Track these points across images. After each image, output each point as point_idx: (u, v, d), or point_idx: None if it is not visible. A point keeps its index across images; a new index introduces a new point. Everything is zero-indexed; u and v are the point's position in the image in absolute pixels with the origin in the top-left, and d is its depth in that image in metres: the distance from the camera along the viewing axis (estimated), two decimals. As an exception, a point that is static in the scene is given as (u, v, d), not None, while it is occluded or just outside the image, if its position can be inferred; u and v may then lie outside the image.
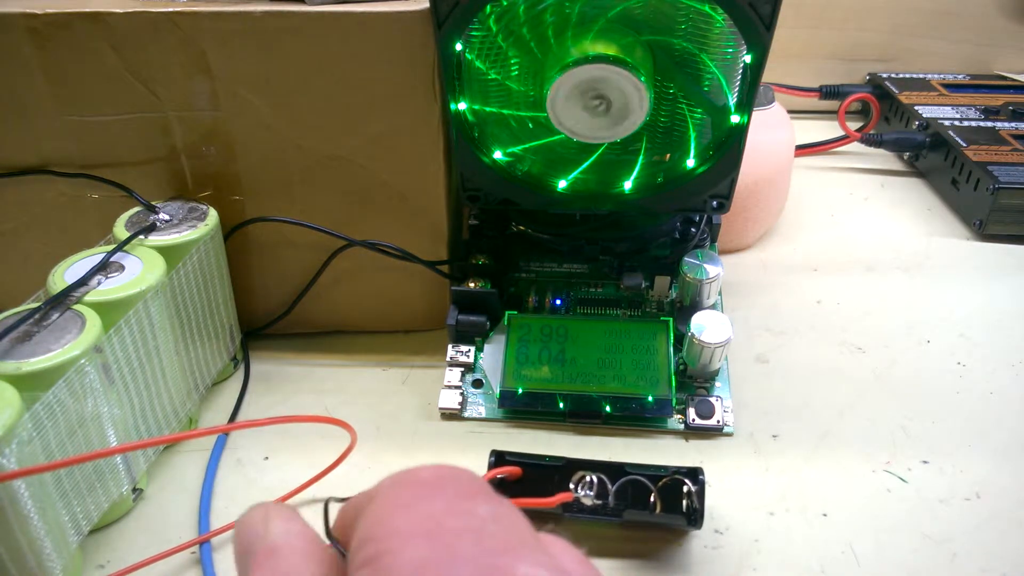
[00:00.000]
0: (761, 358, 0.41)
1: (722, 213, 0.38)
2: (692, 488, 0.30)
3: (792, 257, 0.50)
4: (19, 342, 0.28)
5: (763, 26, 0.31)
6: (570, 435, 0.37)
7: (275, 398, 0.39)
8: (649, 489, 0.30)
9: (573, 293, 0.41)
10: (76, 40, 0.34)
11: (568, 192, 0.38)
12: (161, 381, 0.34)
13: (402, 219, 0.39)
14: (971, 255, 0.50)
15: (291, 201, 0.39)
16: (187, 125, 0.36)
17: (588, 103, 0.33)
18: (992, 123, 0.58)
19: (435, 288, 0.42)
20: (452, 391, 0.38)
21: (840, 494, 0.33)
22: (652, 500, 0.30)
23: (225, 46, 0.34)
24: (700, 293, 0.39)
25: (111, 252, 0.33)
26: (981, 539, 0.31)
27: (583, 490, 0.30)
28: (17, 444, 0.25)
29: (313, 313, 0.42)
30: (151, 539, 0.32)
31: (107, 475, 0.31)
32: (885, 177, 0.60)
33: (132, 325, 0.31)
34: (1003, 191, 0.49)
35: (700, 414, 0.37)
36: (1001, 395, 0.39)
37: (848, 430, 0.37)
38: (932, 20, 0.67)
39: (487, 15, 0.33)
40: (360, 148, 0.37)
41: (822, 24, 0.67)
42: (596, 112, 0.33)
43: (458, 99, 0.35)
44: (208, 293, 0.37)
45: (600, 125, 0.34)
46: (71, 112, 0.36)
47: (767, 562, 0.31)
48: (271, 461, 0.36)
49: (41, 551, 0.27)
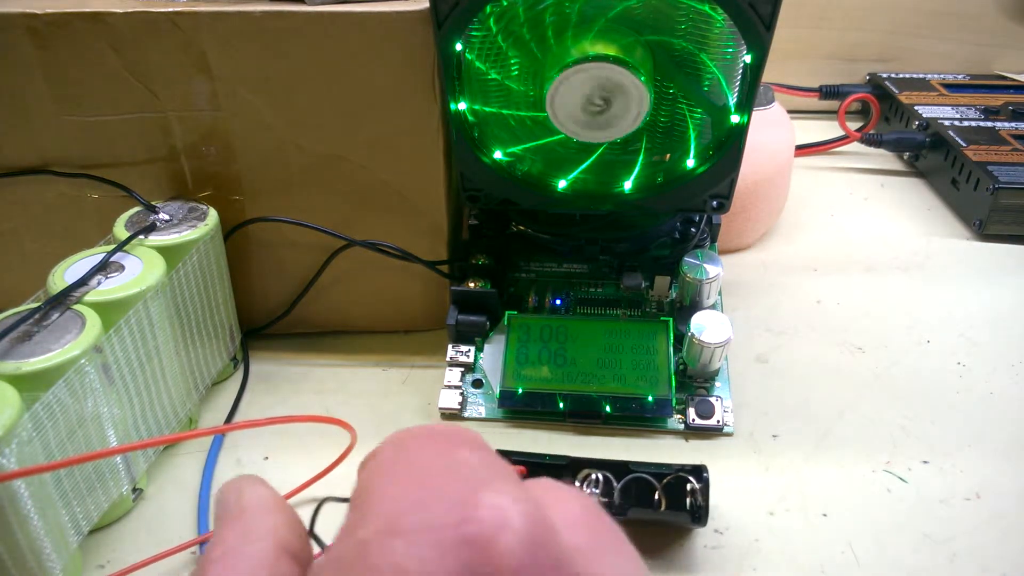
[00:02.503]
0: (761, 358, 0.41)
1: (722, 213, 0.38)
2: (696, 485, 0.30)
3: (792, 257, 0.50)
4: (19, 342, 0.28)
5: (763, 26, 0.31)
6: (570, 435, 0.37)
7: (275, 398, 0.39)
8: (653, 486, 0.30)
9: (573, 293, 0.41)
10: (76, 40, 0.34)
11: (568, 192, 0.38)
12: (161, 381, 0.34)
13: (402, 219, 0.39)
14: (971, 255, 0.50)
15: (291, 201, 0.39)
16: (187, 125, 0.36)
17: (588, 103, 0.33)
18: (992, 123, 0.58)
19: (435, 288, 0.42)
20: (452, 391, 0.38)
21: (840, 494, 0.33)
22: (656, 498, 0.30)
23: (225, 46, 0.34)
24: (700, 293, 0.39)
25: (111, 252, 0.33)
26: (981, 539, 0.31)
27: (589, 488, 0.30)
28: (17, 444, 0.25)
29: (313, 313, 0.42)
30: (151, 539, 0.32)
31: (107, 475, 0.31)
32: (885, 177, 0.60)
33: (132, 325, 0.31)
34: (1003, 191, 0.49)
35: (700, 414, 0.37)
36: (1001, 395, 0.39)
37: (848, 430, 0.37)
38: (932, 20, 0.67)
39: (487, 15, 0.33)
40: (360, 148, 0.37)
41: (822, 24, 0.67)
42: (596, 112, 0.33)
43: (458, 99, 0.35)
44: (208, 293, 0.37)
45: (600, 125, 0.34)
46: (71, 112, 0.36)
47: (767, 562, 0.31)
48: (271, 461, 0.36)
49: (41, 551, 0.27)
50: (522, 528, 0.14)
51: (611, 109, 0.33)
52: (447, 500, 0.15)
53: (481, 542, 0.14)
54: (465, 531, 0.14)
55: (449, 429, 0.18)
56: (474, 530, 0.14)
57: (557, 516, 0.17)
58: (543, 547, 0.14)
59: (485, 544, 0.14)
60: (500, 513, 0.14)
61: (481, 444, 0.17)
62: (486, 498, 0.15)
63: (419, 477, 0.16)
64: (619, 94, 0.32)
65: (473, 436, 0.18)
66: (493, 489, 0.15)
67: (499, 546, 0.14)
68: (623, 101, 0.33)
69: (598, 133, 0.34)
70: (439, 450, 0.17)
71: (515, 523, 0.14)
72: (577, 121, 0.33)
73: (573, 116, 0.33)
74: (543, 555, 0.14)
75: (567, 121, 0.33)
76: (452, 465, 0.16)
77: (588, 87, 0.32)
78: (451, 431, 0.17)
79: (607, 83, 0.32)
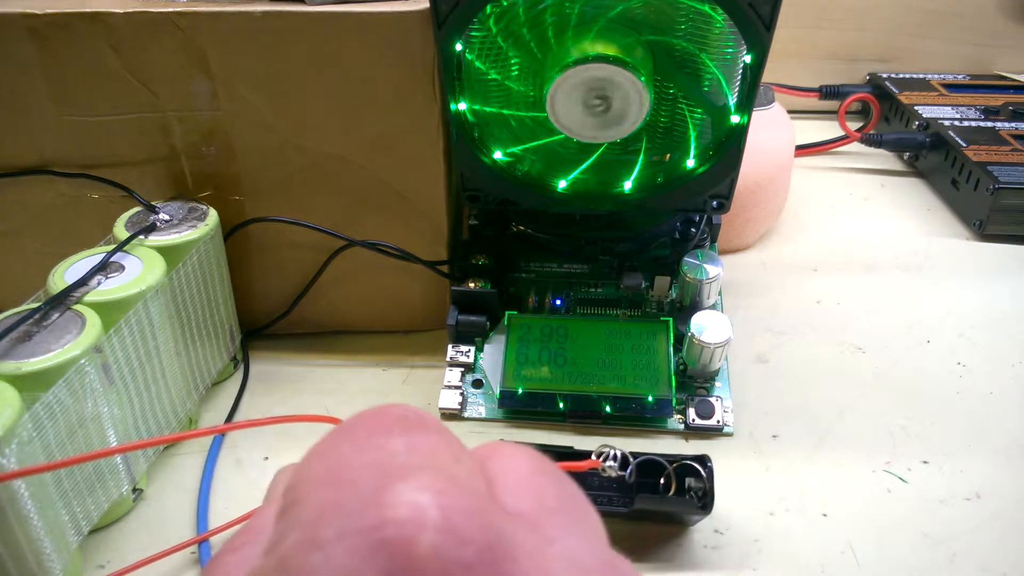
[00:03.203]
0: (761, 358, 0.41)
1: (722, 213, 0.38)
2: (702, 472, 0.30)
3: (792, 257, 0.50)
4: (19, 342, 0.28)
5: (763, 26, 0.31)
6: (570, 435, 0.37)
7: (275, 398, 0.39)
8: (663, 468, 0.30)
9: (573, 293, 0.41)
10: (76, 40, 0.34)
11: (568, 192, 0.38)
12: (161, 381, 0.34)
13: (402, 219, 0.39)
14: (971, 255, 0.50)
15: (291, 201, 0.39)
16: (187, 125, 0.36)
17: (588, 103, 0.33)
18: (992, 123, 0.58)
19: (435, 288, 0.42)
20: (452, 391, 0.38)
21: (840, 494, 0.33)
22: (663, 482, 0.30)
23: (225, 46, 0.34)
24: (700, 293, 0.39)
25: (111, 252, 0.33)
26: (981, 539, 0.31)
27: (607, 461, 0.29)
28: (17, 444, 0.25)
29: (313, 313, 0.42)
30: (151, 539, 0.32)
31: (107, 475, 0.31)
32: (885, 177, 0.60)
33: (132, 325, 0.31)
34: (1003, 191, 0.49)
35: (700, 414, 0.37)
36: (1001, 395, 0.39)
37: (848, 430, 0.37)
38: (932, 20, 0.67)
39: (487, 15, 0.33)
40: (360, 148, 0.37)
41: (822, 24, 0.67)
42: (596, 112, 0.33)
43: (458, 99, 0.35)
44: (208, 293, 0.37)
45: (600, 125, 0.34)
46: (71, 112, 0.36)
47: (767, 562, 0.31)
48: (271, 461, 0.36)
49: (41, 551, 0.27)
50: (443, 523, 0.13)
51: (611, 109, 0.33)
52: (364, 501, 0.13)
53: (399, 545, 0.13)
54: (382, 535, 0.13)
55: (377, 414, 0.16)
56: (391, 533, 0.13)
57: (501, 478, 0.15)
58: (472, 541, 0.13)
59: (404, 546, 0.13)
60: (416, 510, 0.13)
61: (415, 424, 0.16)
62: (402, 494, 0.13)
63: (339, 477, 0.14)
64: (619, 94, 0.32)
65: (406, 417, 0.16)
66: (411, 482, 0.13)
67: (419, 548, 0.13)
68: (623, 101, 0.33)
69: (598, 133, 0.34)
70: (362, 442, 0.15)
71: (434, 519, 0.13)
72: (577, 121, 0.33)
73: (573, 116, 0.33)
74: (473, 550, 0.13)
75: (567, 121, 0.33)
76: (376, 459, 0.14)
77: (588, 87, 0.32)
78: (378, 416, 0.16)
79: (607, 83, 0.32)
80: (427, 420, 0.16)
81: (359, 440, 0.15)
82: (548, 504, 0.15)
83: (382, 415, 0.16)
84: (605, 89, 0.32)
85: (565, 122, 0.33)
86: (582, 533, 0.15)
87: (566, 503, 0.16)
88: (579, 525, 0.15)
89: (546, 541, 0.14)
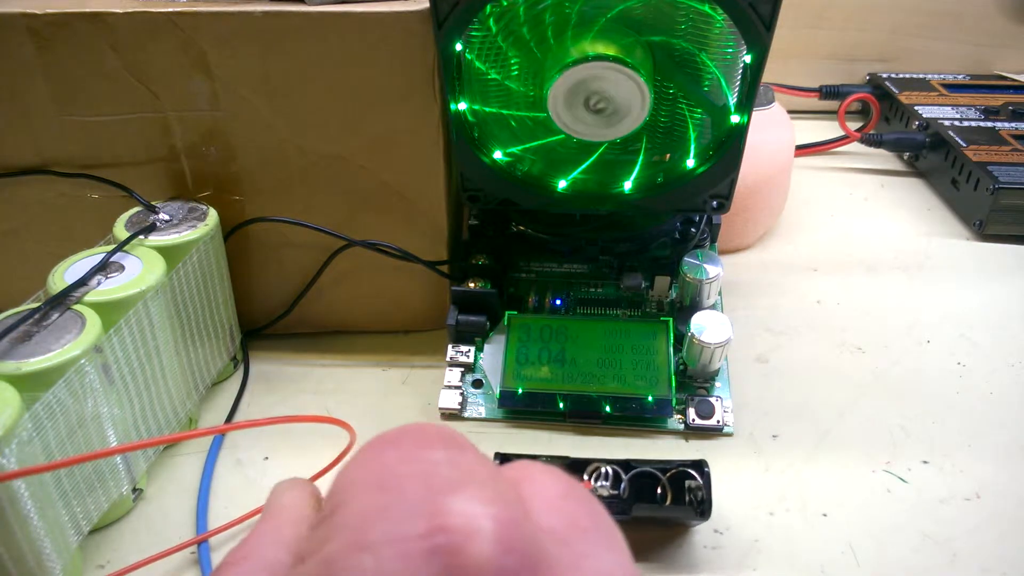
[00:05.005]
0: (761, 358, 0.41)
1: (722, 213, 0.38)
2: (698, 479, 0.30)
3: (792, 257, 0.50)
4: (19, 342, 0.28)
5: (763, 26, 0.31)
6: (570, 435, 0.37)
7: (275, 398, 0.39)
8: (658, 479, 0.30)
9: (573, 293, 0.41)
10: (76, 40, 0.34)
11: (568, 192, 0.38)
12: (161, 381, 0.34)
13: (402, 219, 0.39)
14: (971, 255, 0.50)
15: (291, 201, 0.39)
16: (187, 125, 0.36)
17: (588, 103, 0.33)
18: (992, 123, 0.58)
19: (435, 288, 0.42)
20: (452, 391, 0.38)
21: (840, 494, 0.33)
22: (660, 492, 0.30)
23: (225, 46, 0.34)
24: (700, 293, 0.39)
25: (111, 252, 0.33)
26: (981, 539, 0.31)
27: (598, 481, 0.30)
28: (17, 444, 0.25)
29: (313, 313, 0.42)
30: (151, 539, 0.32)
31: (107, 475, 0.31)
32: (885, 177, 0.60)
33: (132, 325, 0.31)
34: (1003, 191, 0.49)
35: (700, 414, 0.37)
36: (1001, 395, 0.39)
37: (848, 430, 0.37)
38: (932, 20, 0.67)
39: (487, 15, 0.33)
40: (360, 148, 0.37)
41: (822, 24, 0.67)
42: (596, 112, 0.33)
43: (458, 99, 0.35)
44: (208, 293, 0.37)
45: (600, 125, 0.34)
46: (71, 112, 0.36)
47: (767, 562, 0.31)
48: (271, 461, 0.36)
49: (41, 551, 0.27)
50: (493, 533, 0.14)
51: (611, 109, 0.33)
52: (414, 508, 0.14)
53: (452, 551, 0.14)
54: (435, 541, 0.14)
55: (419, 429, 0.17)
56: (444, 540, 0.14)
57: (534, 498, 0.16)
58: (516, 551, 0.14)
59: (456, 553, 0.14)
60: (469, 520, 0.14)
61: (453, 441, 0.17)
62: (455, 504, 0.14)
63: (386, 484, 0.15)
64: (619, 94, 0.32)
65: (445, 434, 0.17)
66: (462, 494, 0.15)
67: (471, 555, 0.14)
68: (623, 101, 0.33)
69: (598, 133, 0.34)
70: (407, 454, 0.16)
71: (486, 529, 0.14)
72: (577, 121, 0.34)
73: (573, 116, 0.33)
74: (517, 558, 0.14)
75: (567, 121, 0.34)
76: (421, 469, 0.16)
77: (588, 87, 0.32)
78: (420, 431, 0.17)
79: (607, 83, 0.32)
80: (462, 439, 0.17)
81: (403, 450, 0.16)
82: (581, 524, 0.16)
83: (424, 429, 0.17)
84: (605, 89, 0.32)
85: (566, 121, 0.34)
86: (612, 550, 0.16)
87: (596, 522, 0.17)
88: (609, 542, 0.16)
89: (580, 555, 0.15)
